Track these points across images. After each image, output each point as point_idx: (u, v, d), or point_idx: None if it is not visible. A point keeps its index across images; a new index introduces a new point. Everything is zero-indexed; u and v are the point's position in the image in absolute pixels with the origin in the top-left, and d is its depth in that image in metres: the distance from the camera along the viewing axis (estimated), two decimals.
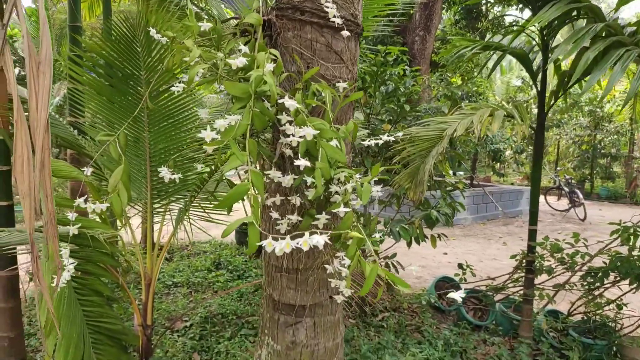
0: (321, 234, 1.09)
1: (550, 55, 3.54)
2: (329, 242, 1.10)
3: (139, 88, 2.72)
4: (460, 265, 4.44)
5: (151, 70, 2.72)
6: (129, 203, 3.40)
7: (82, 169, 3.10)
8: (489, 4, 12.30)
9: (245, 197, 1.16)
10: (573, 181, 11.38)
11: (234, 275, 5.34)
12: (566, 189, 10.57)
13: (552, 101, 3.59)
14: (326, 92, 1.32)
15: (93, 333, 2.57)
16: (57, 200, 2.39)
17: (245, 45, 1.37)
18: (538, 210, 3.77)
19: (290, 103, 1.18)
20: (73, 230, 1.62)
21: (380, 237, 3.62)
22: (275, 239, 1.03)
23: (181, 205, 3.28)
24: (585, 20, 3.14)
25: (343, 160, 1.18)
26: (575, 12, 3.05)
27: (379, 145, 3.42)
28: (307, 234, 1.05)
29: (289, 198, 1.44)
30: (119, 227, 3.76)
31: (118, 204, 1.45)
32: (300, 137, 1.19)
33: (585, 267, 3.71)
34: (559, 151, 14.61)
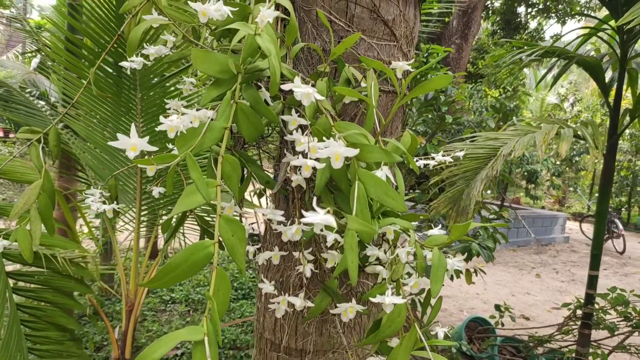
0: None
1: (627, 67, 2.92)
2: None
3: (128, 73, 2.20)
4: (497, 307, 3.81)
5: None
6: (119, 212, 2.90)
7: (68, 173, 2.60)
8: (529, 15, 11.61)
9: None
10: (611, 210, 10.56)
11: (239, 294, 4.79)
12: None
13: (627, 122, 2.97)
14: (371, 79, 0.76)
15: None
16: None
17: None
18: (601, 253, 3.13)
19: (303, 90, 0.63)
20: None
21: None
22: None
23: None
24: None
25: (400, 207, 0.61)
26: None
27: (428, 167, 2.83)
28: None
29: (294, 253, 0.87)
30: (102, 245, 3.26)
31: (25, 240, 0.91)
32: (317, 159, 0.64)
33: None
34: (595, 176, 13.71)
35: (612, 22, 2.85)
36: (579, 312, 3.24)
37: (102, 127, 2.51)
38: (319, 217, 0.52)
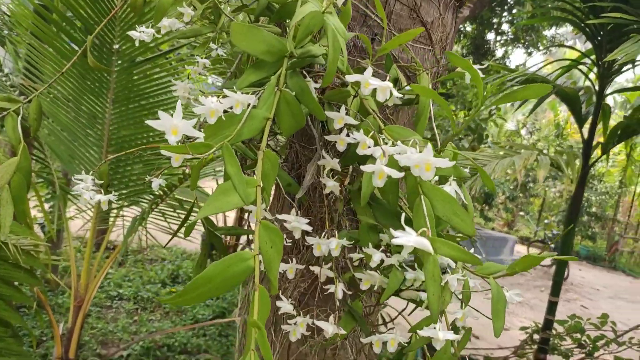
0: None
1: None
2: None
3: (96, 42, 2.03)
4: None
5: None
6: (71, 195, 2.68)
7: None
8: (498, 43, 11.98)
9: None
10: (553, 236, 11.01)
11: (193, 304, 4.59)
12: (552, 245, 10.16)
13: (599, 154, 3.05)
14: (425, 82, 0.67)
15: None
16: None
17: None
18: (562, 280, 3.19)
19: (378, 84, 0.54)
20: None
21: None
22: None
23: (139, 211, 2.59)
24: None
25: (470, 229, 0.52)
26: None
27: None
28: None
29: (312, 269, 0.77)
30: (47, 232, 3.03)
31: None
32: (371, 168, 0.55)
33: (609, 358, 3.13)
34: (544, 203, 14.29)
35: (594, 57, 2.93)
36: (536, 336, 3.29)
37: (66, 104, 2.31)
38: (413, 239, 0.43)
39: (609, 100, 3.04)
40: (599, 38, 2.70)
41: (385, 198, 0.62)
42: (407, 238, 0.43)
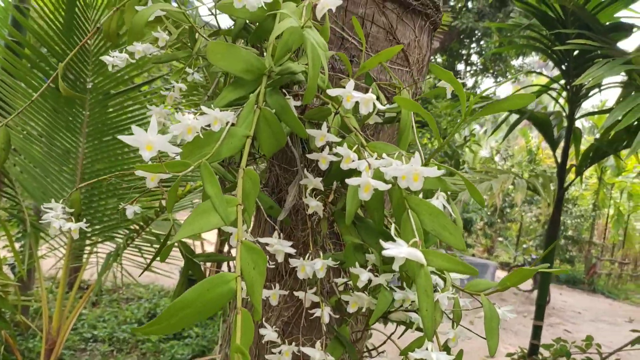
0: None
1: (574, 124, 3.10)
2: None
3: (70, 77, 2.00)
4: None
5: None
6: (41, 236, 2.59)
7: None
8: (468, 73, 12.36)
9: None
10: (533, 260, 11.12)
11: (169, 333, 4.43)
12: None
13: (574, 177, 3.11)
14: (403, 94, 0.67)
15: None
16: None
17: None
18: (545, 304, 3.19)
19: (362, 96, 0.53)
20: None
21: None
22: None
23: (114, 247, 2.51)
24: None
25: (460, 244, 0.51)
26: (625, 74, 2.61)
27: None
28: None
29: (296, 294, 0.74)
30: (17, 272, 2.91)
31: None
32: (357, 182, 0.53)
33: None
34: (522, 228, 14.47)
35: (562, 82, 3.03)
36: None
37: (39, 140, 2.26)
38: (405, 250, 0.41)
39: (578, 125, 3.13)
40: (566, 64, 2.80)
41: (370, 216, 0.60)
42: (399, 249, 0.42)
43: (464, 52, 10.76)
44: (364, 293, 0.62)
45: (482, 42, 9.87)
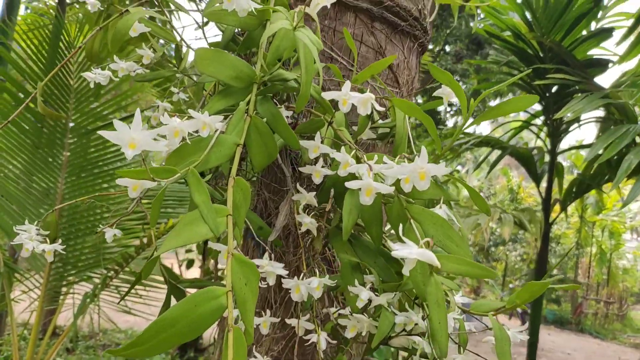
0: None
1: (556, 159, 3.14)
2: None
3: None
4: None
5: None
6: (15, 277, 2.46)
7: None
8: (448, 114, 12.63)
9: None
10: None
11: (150, 357, 4.21)
12: (519, 310, 10.13)
13: (558, 211, 3.12)
14: (400, 112, 0.65)
15: None
16: None
17: None
18: (537, 341, 3.13)
19: (360, 96, 0.50)
20: None
21: None
22: None
23: (91, 288, 2.39)
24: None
25: (466, 254, 0.47)
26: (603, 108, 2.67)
27: None
28: None
29: (288, 322, 0.69)
30: None
31: None
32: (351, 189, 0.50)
33: None
34: (507, 268, 14.44)
35: (543, 118, 3.09)
36: None
37: (19, 177, 2.20)
38: (415, 251, 0.37)
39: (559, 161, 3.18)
40: (546, 99, 2.86)
41: (368, 231, 0.57)
42: (409, 250, 0.37)
43: None
44: (364, 315, 0.57)
45: (461, 83, 10.17)
